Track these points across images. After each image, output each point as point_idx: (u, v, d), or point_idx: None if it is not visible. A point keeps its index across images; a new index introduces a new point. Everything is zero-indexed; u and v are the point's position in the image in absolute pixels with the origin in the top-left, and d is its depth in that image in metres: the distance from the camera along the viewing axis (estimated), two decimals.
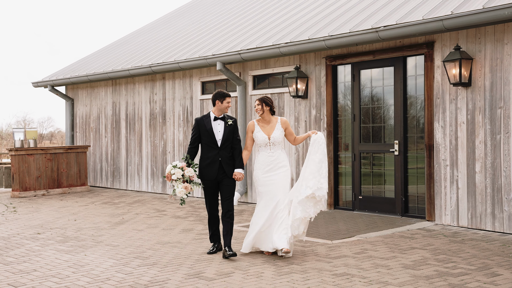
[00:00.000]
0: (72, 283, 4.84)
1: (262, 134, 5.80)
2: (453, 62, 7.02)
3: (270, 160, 5.77)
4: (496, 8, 6.29)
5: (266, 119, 5.87)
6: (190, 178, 5.60)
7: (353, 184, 8.54)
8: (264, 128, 5.84)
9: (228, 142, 5.74)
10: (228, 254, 5.55)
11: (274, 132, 5.80)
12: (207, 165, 5.72)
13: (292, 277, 4.91)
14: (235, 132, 5.80)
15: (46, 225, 7.93)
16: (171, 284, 4.74)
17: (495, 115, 6.88)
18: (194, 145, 5.82)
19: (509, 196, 6.72)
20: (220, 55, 9.65)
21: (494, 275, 4.86)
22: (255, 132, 5.85)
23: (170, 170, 5.64)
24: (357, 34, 7.74)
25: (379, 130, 8.34)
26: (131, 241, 6.64)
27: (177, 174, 5.59)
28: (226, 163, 5.72)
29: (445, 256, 5.57)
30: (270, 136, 5.78)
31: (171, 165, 5.67)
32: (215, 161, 5.69)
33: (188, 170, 5.59)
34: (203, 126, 5.73)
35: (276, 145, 5.80)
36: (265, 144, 5.80)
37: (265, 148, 5.81)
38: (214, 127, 5.72)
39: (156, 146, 11.74)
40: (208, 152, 5.73)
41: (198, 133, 5.77)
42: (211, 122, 5.73)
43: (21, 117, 41.22)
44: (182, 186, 5.57)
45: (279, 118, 5.89)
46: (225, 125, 5.74)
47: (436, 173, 7.46)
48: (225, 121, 5.76)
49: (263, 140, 5.80)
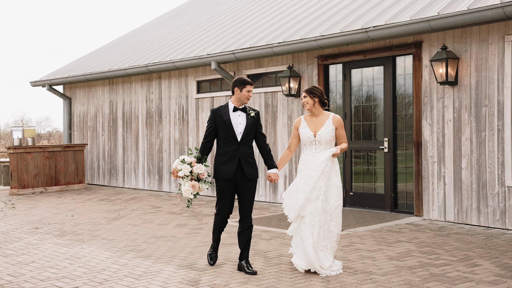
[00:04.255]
0: (69, 273, 5.03)
1: (307, 130, 5.03)
2: (440, 62, 7.23)
3: (313, 161, 4.95)
4: (480, 10, 6.50)
5: (315, 113, 5.08)
6: (200, 176, 4.89)
7: (344, 181, 8.74)
8: (311, 123, 5.06)
9: (250, 137, 4.98)
10: (249, 271, 4.89)
11: (322, 129, 4.99)
12: (224, 162, 4.93)
13: (281, 267, 5.11)
14: (258, 126, 5.04)
15: (44, 220, 8.11)
16: (164, 274, 4.93)
17: (480, 113, 7.09)
18: (209, 139, 5.03)
19: (494, 192, 6.94)
20: (215, 54, 9.85)
21: (474, 265, 5.07)
22: (301, 128, 5.08)
23: (177, 166, 4.91)
24: (348, 34, 7.94)
25: (370, 128, 8.54)
26: (127, 235, 6.83)
27: (184, 171, 4.86)
28: (246, 161, 4.93)
29: (429, 249, 5.77)
30: (317, 133, 4.99)
31: (178, 160, 4.93)
32: (234, 158, 4.91)
33: (198, 167, 4.88)
34: (220, 117, 4.96)
35: (323, 144, 4.98)
36: (310, 142, 5.01)
37: (310, 147, 5.02)
38: (233, 119, 4.94)
39: (153, 144, 11.93)
40: (226, 147, 4.95)
41: (214, 125, 4.99)
42: (229, 113, 4.96)
43: (19, 116, 41.37)
44: (189, 185, 4.83)
45: (332, 115, 5.08)
46: (247, 117, 4.96)
47: (424, 170, 7.67)
48: (247, 112, 4.99)
49: (307, 137, 5.02)
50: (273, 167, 5.03)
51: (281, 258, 5.49)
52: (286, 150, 5.18)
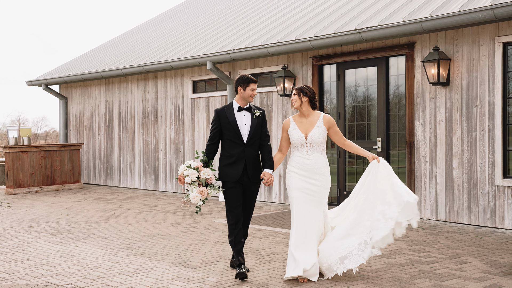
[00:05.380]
0: (64, 270, 5.09)
1: (298, 132, 4.82)
2: (432, 62, 7.31)
3: (305, 164, 4.77)
4: (470, 11, 6.59)
5: (304, 113, 4.86)
6: (207, 180, 4.72)
7: (338, 180, 8.81)
8: (301, 124, 4.85)
9: (256, 137, 4.82)
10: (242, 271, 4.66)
11: (314, 131, 4.80)
12: (229, 165, 4.76)
13: (273, 265, 5.18)
14: (263, 126, 4.88)
15: (39, 219, 8.16)
16: (157, 271, 5.00)
17: (471, 113, 7.18)
18: (214, 141, 4.85)
19: (484, 191, 7.02)
20: (211, 55, 9.91)
21: (463, 263, 5.15)
22: (290, 129, 4.86)
23: (183, 171, 4.73)
24: (342, 35, 8.02)
25: (363, 128, 8.62)
26: (122, 233, 6.89)
27: (191, 176, 4.68)
28: (252, 163, 4.79)
29: (420, 247, 5.85)
30: (308, 134, 4.79)
31: (184, 165, 4.76)
32: (240, 160, 4.75)
33: (205, 171, 4.70)
34: (225, 118, 4.78)
35: (315, 146, 4.78)
36: (301, 144, 4.80)
37: (301, 149, 4.81)
38: (238, 119, 4.79)
39: (149, 144, 11.99)
40: (232, 149, 4.78)
41: (219, 126, 4.82)
42: (235, 113, 4.80)
43: (15, 116, 41.32)
44: (198, 191, 4.66)
45: (322, 115, 4.88)
46: (252, 117, 4.81)
47: (416, 169, 7.75)
48: (252, 112, 4.83)
49: (298, 139, 4.81)
50: (270, 167, 4.82)
51: (274, 256, 5.56)
52: (278, 153, 4.97)
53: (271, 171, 4.80)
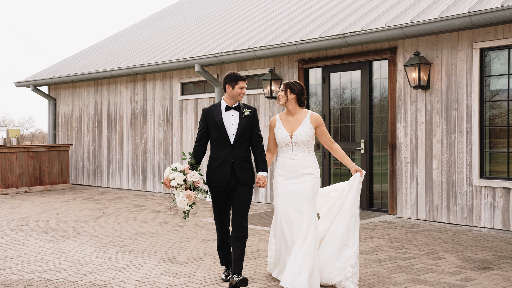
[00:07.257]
0: (55, 266, 5.25)
1: (283, 131, 4.60)
2: (413, 67, 7.58)
3: (291, 164, 4.56)
4: (449, 18, 6.87)
5: (291, 110, 4.64)
6: (195, 184, 4.44)
7: (322, 182, 9.04)
8: (287, 122, 4.63)
9: (244, 138, 4.54)
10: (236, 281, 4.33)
11: (299, 129, 4.56)
12: (216, 168, 4.51)
13: (258, 261, 5.38)
14: (254, 126, 4.59)
15: (29, 218, 8.28)
16: (146, 267, 5.17)
17: (450, 116, 7.46)
18: (201, 142, 4.60)
19: (462, 191, 7.30)
20: (199, 57, 10.10)
21: (439, 258, 5.40)
22: (276, 128, 4.66)
23: (168, 175, 4.45)
24: (326, 40, 8.26)
25: (348, 130, 8.87)
26: (111, 232, 7.05)
27: (177, 180, 4.41)
28: (240, 165, 4.50)
29: (399, 244, 6.10)
30: (293, 133, 4.57)
31: (169, 168, 4.47)
32: (227, 163, 4.48)
33: (192, 174, 4.42)
34: (211, 118, 4.53)
35: (300, 146, 4.57)
36: (286, 143, 4.59)
37: (286, 149, 4.60)
38: (225, 119, 4.52)
39: (137, 145, 12.13)
40: (218, 151, 4.53)
41: (206, 126, 4.57)
42: (222, 113, 4.53)
43: (1, 117, 41.05)
44: (184, 195, 4.39)
45: (310, 113, 4.64)
46: (240, 117, 4.54)
47: (398, 170, 8.01)
48: (241, 111, 4.57)
49: (283, 138, 4.60)
50: (264, 170, 4.58)
51: (259, 252, 5.76)
52: (267, 153, 4.77)
53: (265, 174, 4.57)
